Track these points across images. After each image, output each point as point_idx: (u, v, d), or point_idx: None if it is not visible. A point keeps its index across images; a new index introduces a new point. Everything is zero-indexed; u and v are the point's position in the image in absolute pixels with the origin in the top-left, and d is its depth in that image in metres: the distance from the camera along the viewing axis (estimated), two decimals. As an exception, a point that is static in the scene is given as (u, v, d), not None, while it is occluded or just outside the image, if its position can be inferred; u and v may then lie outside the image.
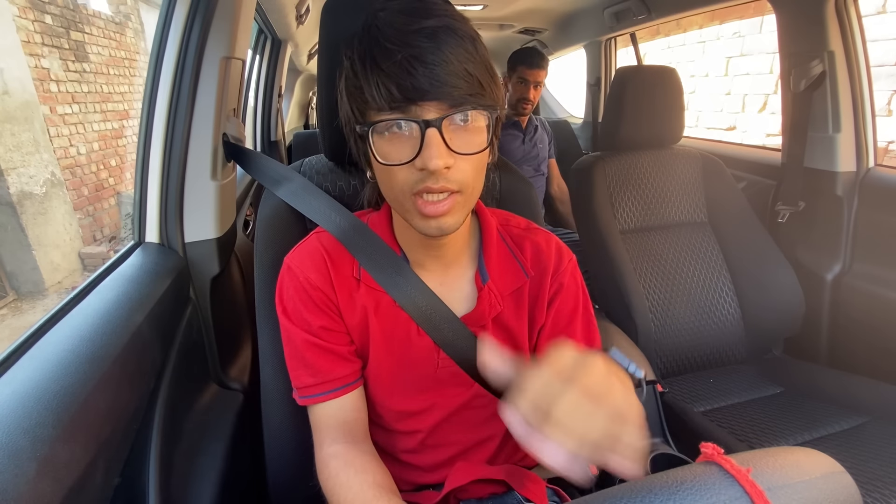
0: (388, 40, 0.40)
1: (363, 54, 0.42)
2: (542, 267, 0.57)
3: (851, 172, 1.18)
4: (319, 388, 0.53)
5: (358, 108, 0.44)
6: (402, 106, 0.41)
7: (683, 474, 0.26)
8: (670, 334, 1.15)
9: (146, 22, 4.42)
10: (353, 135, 0.48)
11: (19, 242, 2.77)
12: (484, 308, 0.54)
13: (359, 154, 0.50)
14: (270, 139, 2.17)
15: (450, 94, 0.40)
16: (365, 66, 0.42)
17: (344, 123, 0.49)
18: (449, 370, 0.56)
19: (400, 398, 0.57)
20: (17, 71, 2.69)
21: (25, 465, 0.35)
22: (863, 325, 1.13)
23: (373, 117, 0.43)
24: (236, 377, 0.82)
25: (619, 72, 1.24)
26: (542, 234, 0.60)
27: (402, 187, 0.44)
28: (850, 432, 0.89)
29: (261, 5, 1.64)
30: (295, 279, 0.53)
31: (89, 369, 0.46)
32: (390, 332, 0.55)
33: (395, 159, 0.43)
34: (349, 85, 0.45)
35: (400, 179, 0.43)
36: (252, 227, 1.41)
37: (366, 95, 0.42)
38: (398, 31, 0.41)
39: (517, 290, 0.57)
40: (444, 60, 0.40)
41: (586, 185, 1.21)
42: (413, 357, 0.55)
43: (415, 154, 0.41)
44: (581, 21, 2.14)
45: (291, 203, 0.64)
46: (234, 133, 0.81)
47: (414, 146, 0.41)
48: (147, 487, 0.53)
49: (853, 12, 1.11)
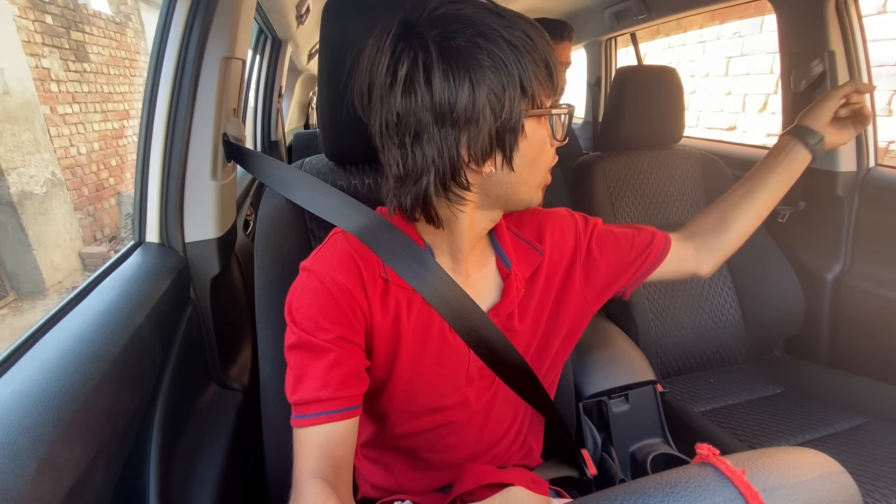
0: (529, 33, 0.43)
1: (521, 41, 0.43)
2: (555, 237, 0.59)
3: (852, 172, 1.18)
4: (321, 406, 0.47)
5: (535, 86, 0.44)
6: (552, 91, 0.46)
7: (678, 476, 0.26)
8: (670, 334, 1.15)
9: (146, 22, 4.42)
10: (514, 126, 0.44)
11: (20, 242, 2.78)
12: (512, 295, 0.55)
13: (503, 148, 0.45)
14: (270, 139, 2.17)
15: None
16: (537, 50, 0.43)
17: (500, 119, 0.43)
18: (477, 365, 0.56)
19: (433, 396, 0.56)
20: (17, 71, 2.70)
21: (26, 465, 0.35)
22: (863, 325, 1.13)
23: (547, 99, 0.46)
24: (236, 377, 0.82)
25: (620, 72, 1.24)
26: (535, 211, 0.61)
27: (548, 163, 0.50)
28: (850, 432, 0.89)
29: (261, 5, 1.64)
30: (318, 283, 0.48)
31: (90, 369, 0.46)
32: (424, 330, 0.53)
33: (560, 136, 0.50)
34: (537, 75, 0.44)
35: (549, 157, 0.50)
36: (252, 227, 1.42)
37: (552, 80, 0.45)
38: (528, 25, 0.44)
39: (535, 271, 0.57)
40: None
41: (586, 184, 1.21)
42: (448, 354, 0.55)
43: (555, 134, 0.49)
44: (581, 21, 2.14)
45: (302, 204, 0.62)
46: (235, 133, 0.81)
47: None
48: (147, 487, 0.53)
49: (854, 12, 1.11)
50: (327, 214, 0.58)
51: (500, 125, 0.43)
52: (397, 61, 0.42)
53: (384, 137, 0.46)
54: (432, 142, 0.44)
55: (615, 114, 1.21)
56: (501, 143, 0.45)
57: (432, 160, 0.44)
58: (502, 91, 0.42)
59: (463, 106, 0.42)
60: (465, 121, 0.43)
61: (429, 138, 0.44)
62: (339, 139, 0.62)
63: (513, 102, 0.43)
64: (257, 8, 1.61)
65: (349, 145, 0.65)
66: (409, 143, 0.45)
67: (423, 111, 0.43)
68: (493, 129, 0.43)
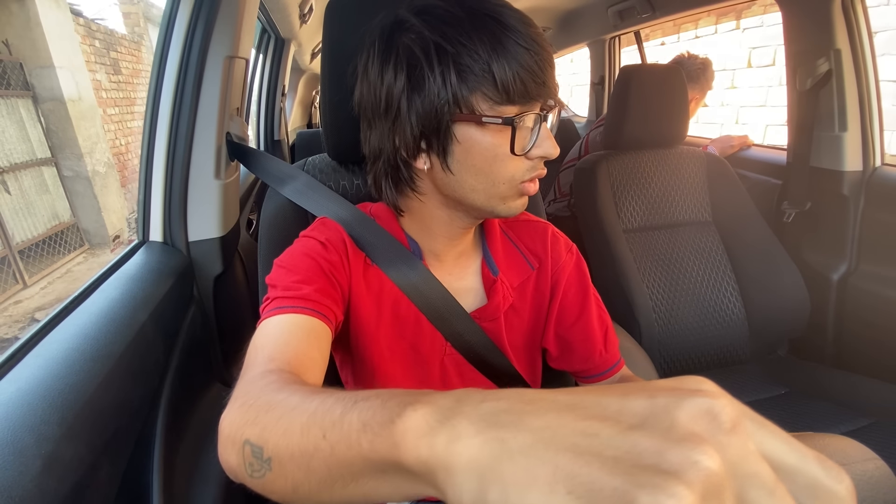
0: (511, 31, 0.41)
1: (490, 40, 0.41)
2: (546, 258, 0.58)
3: (858, 172, 1.17)
4: (285, 301, 0.43)
5: (469, 94, 0.42)
6: (526, 98, 0.42)
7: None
8: (674, 334, 1.14)
9: (154, 38, 5.31)
10: (442, 125, 0.43)
11: (93, 207, 3.89)
12: (498, 301, 0.55)
13: (434, 147, 0.45)
14: (273, 138, 2.17)
15: (556, 92, 0.45)
16: (496, 52, 0.41)
17: (426, 111, 0.43)
18: (454, 359, 0.56)
19: (406, 382, 0.56)
20: (84, 82, 3.79)
21: (30, 463, 0.36)
22: (869, 326, 1.12)
23: (490, 108, 0.42)
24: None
25: (623, 70, 1.24)
26: (541, 224, 0.60)
27: (513, 176, 0.46)
28: (855, 433, 0.88)
29: (264, 4, 1.64)
30: (311, 239, 0.50)
31: (94, 367, 0.46)
32: (403, 316, 0.54)
33: (521, 149, 0.45)
34: (465, 69, 0.41)
35: (512, 169, 0.45)
36: (255, 226, 1.42)
37: (496, 83, 0.41)
38: (514, 22, 0.42)
39: (523, 282, 0.57)
40: (553, 61, 0.44)
41: (590, 183, 1.21)
42: (424, 342, 0.55)
43: (530, 144, 0.44)
44: (585, 19, 2.13)
45: (296, 200, 0.64)
46: (238, 132, 0.82)
47: (527, 137, 0.44)
48: (151, 485, 0.53)
49: (860, 10, 1.10)
50: (319, 211, 0.60)
51: (422, 125, 0.44)
52: (365, 53, 0.47)
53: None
54: (376, 129, 0.48)
55: (619, 113, 1.20)
56: (429, 143, 0.45)
57: (379, 147, 0.48)
58: (423, 90, 0.43)
59: (387, 98, 0.45)
60: (391, 114, 0.45)
61: (374, 125, 0.48)
62: (342, 138, 0.62)
63: (433, 103, 0.42)
64: (260, 7, 1.61)
65: (351, 144, 0.65)
66: (365, 127, 0.50)
67: (368, 99, 0.47)
68: (415, 126, 0.44)
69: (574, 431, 0.16)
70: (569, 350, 0.59)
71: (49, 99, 3.47)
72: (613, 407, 0.17)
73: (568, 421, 0.16)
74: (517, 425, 0.17)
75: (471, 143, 0.44)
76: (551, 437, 0.16)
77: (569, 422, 0.16)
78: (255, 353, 0.39)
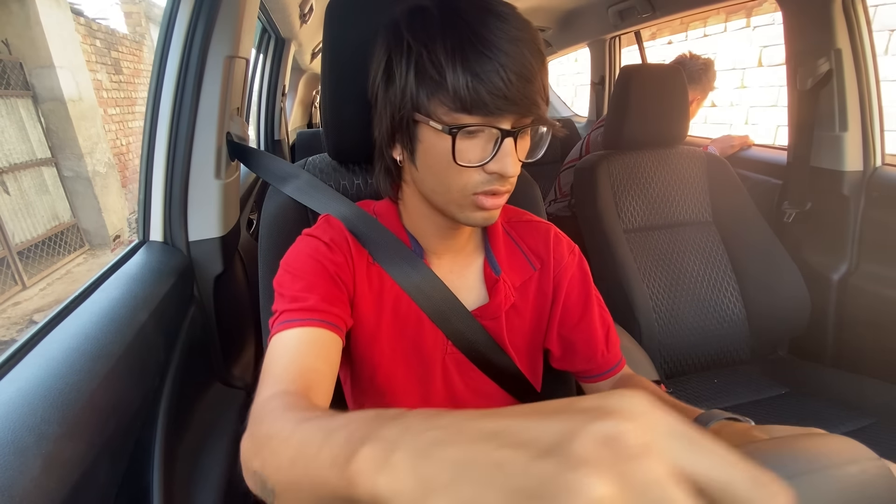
0: (482, 41, 0.39)
1: (453, 47, 0.40)
2: (548, 259, 0.58)
3: (858, 171, 1.17)
4: (293, 314, 0.44)
5: (426, 97, 0.42)
6: (484, 110, 0.40)
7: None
8: (674, 334, 1.14)
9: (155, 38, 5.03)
10: (404, 121, 0.44)
11: (93, 207, 3.88)
12: (500, 300, 0.55)
13: (401, 141, 0.47)
14: (274, 138, 2.17)
15: (529, 108, 0.41)
16: (454, 60, 0.39)
17: (393, 105, 0.44)
18: (455, 358, 0.56)
19: (408, 381, 0.56)
20: (84, 82, 3.76)
21: (30, 462, 0.36)
22: (869, 326, 1.12)
23: (446, 113, 0.41)
24: (240, 375, 0.83)
25: (624, 70, 1.23)
26: (543, 225, 0.60)
27: (465, 185, 0.44)
28: (856, 433, 0.88)
29: (264, 4, 1.64)
30: (315, 239, 0.51)
31: (94, 367, 0.46)
32: (405, 314, 0.54)
33: (469, 161, 0.43)
34: (422, 71, 0.41)
35: (465, 179, 0.44)
36: (256, 226, 1.42)
37: (448, 91, 0.40)
38: (492, 32, 0.39)
39: (524, 282, 0.57)
40: (532, 76, 0.41)
41: (590, 183, 1.21)
42: (426, 341, 0.55)
43: (489, 157, 0.42)
44: (585, 19, 2.13)
45: (298, 198, 0.64)
46: (238, 132, 0.82)
47: (486, 149, 0.43)
48: (151, 484, 0.53)
49: (860, 10, 1.10)
50: (320, 209, 0.60)
51: (391, 118, 0.46)
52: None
53: None
54: (375, 115, 0.50)
55: (619, 113, 1.20)
56: (401, 136, 0.46)
57: (376, 133, 0.50)
58: (393, 86, 0.44)
59: (372, 87, 0.48)
60: (376, 102, 0.48)
61: (374, 111, 0.49)
62: (342, 138, 0.62)
63: (398, 100, 0.44)
64: (261, 7, 1.61)
65: (352, 144, 0.65)
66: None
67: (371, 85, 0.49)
68: (387, 119, 0.46)
69: (487, 463, 0.16)
70: (571, 351, 0.59)
71: (49, 99, 3.46)
72: (532, 433, 0.17)
73: (486, 451, 0.17)
74: (443, 459, 0.18)
75: (429, 144, 0.44)
76: (467, 472, 0.17)
77: (487, 452, 0.17)
78: (266, 373, 0.41)
